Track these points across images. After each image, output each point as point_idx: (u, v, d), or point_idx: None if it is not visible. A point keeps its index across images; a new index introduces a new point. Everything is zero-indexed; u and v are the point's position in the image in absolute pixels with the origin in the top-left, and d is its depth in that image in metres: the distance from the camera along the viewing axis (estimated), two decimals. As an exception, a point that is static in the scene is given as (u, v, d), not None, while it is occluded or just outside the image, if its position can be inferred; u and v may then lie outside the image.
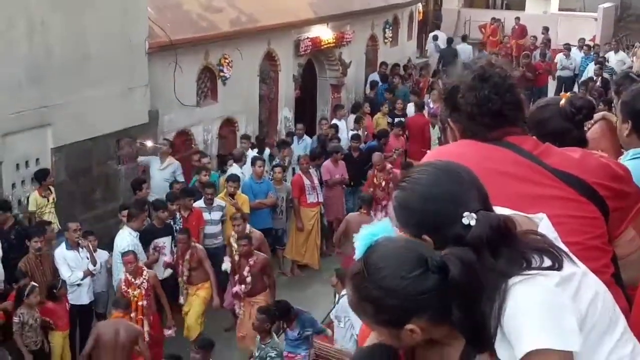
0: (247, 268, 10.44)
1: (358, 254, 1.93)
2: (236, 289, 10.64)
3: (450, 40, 24.11)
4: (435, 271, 1.82)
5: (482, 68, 2.50)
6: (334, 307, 9.87)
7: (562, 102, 3.13)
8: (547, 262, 1.91)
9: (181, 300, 10.92)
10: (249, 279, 10.45)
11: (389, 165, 13.71)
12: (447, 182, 1.99)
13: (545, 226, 2.09)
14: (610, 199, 2.51)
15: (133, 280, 9.93)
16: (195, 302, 10.80)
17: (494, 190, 2.31)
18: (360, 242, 1.93)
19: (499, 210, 2.04)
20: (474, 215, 1.90)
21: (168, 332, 10.44)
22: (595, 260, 2.39)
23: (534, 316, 1.82)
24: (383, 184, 13.43)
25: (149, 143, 13.18)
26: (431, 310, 1.84)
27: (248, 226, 11.15)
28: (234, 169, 13.48)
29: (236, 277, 10.59)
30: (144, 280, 9.95)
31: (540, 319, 1.81)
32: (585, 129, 3.44)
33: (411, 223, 2.02)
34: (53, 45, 11.89)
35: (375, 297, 1.86)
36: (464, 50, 23.44)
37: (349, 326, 9.53)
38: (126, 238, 10.59)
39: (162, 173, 13.10)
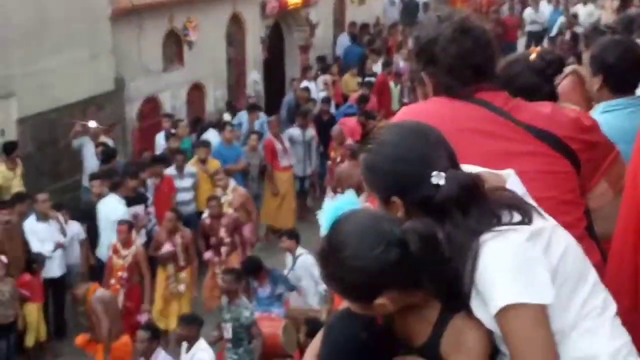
0: (222, 230, 10.40)
1: (323, 230, 1.93)
2: (209, 255, 10.58)
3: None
4: (397, 245, 1.82)
5: (463, 20, 2.44)
6: (291, 269, 9.83)
7: (532, 56, 3.07)
8: (517, 218, 1.90)
9: (180, 288, 10.28)
10: (227, 240, 10.47)
11: (349, 140, 12.95)
12: (414, 142, 1.97)
13: (513, 182, 2.07)
14: (581, 151, 2.50)
15: (121, 249, 9.84)
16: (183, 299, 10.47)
17: (466, 147, 2.28)
18: (325, 217, 1.93)
19: (467, 168, 2.03)
20: (442, 174, 1.89)
21: (142, 319, 9.83)
22: (568, 213, 2.39)
23: (506, 271, 1.82)
24: (338, 159, 12.67)
25: (92, 124, 12.29)
26: (399, 283, 1.85)
27: (233, 183, 11.07)
28: (210, 134, 13.40)
29: (212, 240, 10.57)
30: (130, 254, 9.84)
31: (512, 274, 1.82)
32: (556, 83, 3.40)
33: (380, 185, 2.01)
34: (11, 12, 11.64)
35: (341, 276, 1.87)
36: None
37: (309, 284, 9.56)
38: (119, 207, 10.50)
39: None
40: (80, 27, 12.74)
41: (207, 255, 10.66)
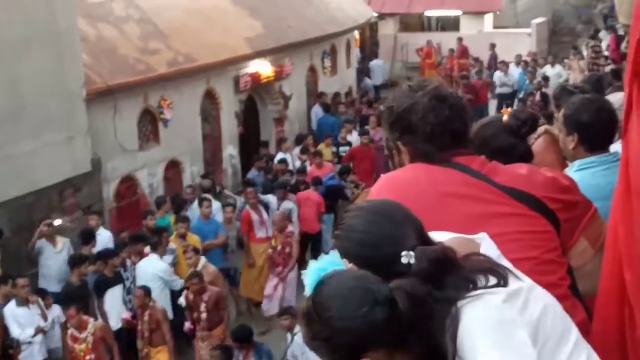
0: (202, 305, 10.35)
1: (308, 291, 1.92)
2: (188, 326, 10.57)
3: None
4: (384, 304, 1.81)
5: (437, 89, 2.52)
6: (289, 346, 9.74)
7: (505, 117, 3.13)
8: (493, 281, 1.91)
9: None
10: (204, 315, 10.36)
11: (289, 228, 12.61)
12: (380, 224, 1.99)
13: (487, 245, 2.10)
14: (560, 211, 2.54)
15: (78, 334, 9.65)
16: None
17: (447, 212, 2.31)
18: (309, 278, 1.92)
19: (440, 235, 2.05)
20: (411, 253, 1.90)
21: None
22: (551, 273, 2.42)
23: (486, 334, 1.82)
24: (279, 247, 12.44)
25: (58, 222, 11.87)
26: (385, 342, 1.83)
27: (203, 260, 11.02)
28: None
29: (194, 315, 10.49)
30: (89, 334, 9.68)
31: (492, 336, 1.82)
32: (529, 143, 3.45)
33: (356, 265, 2.01)
34: (-13, 97, 11.67)
35: (326, 336, 1.85)
36: (378, 65, 23.82)
37: None
38: (159, 261, 11.17)
39: (60, 256, 11.50)
40: (56, 109, 12.79)
41: (187, 326, 10.61)
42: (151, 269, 11.13)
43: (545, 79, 21.46)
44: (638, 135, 2.06)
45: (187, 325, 10.58)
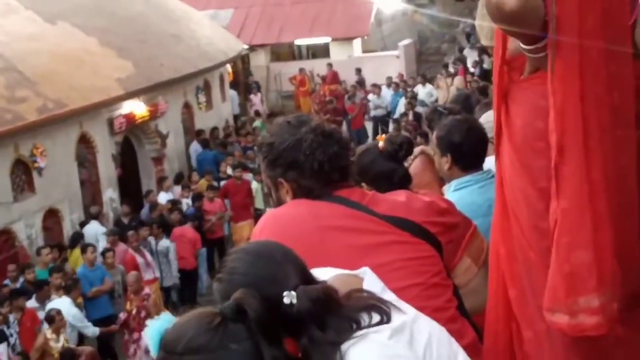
0: None
1: (154, 350, 1.84)
2: None
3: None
4: (233, 318, 1.77)
5: (321, 125, 2.53)
6: None
7: (381, 144, 3.18)
8: (376, 318, 1.90)
9: None
10: None
11: (146, 290, 12.17)
12: (261, 265, 1.96)
13: (369, 280, 2.09)
14: (441, 234, 2.59)
15: None
16: None
17: (331, 245, 2.32)
18: (152, 337, 1.85)
19: (323, 272, 2.04)
20: (293, 293, 1.87)
21: None
22: (438, 297, 2.45)
23: None
24: (134, 311, 11.78)
25: None
26: (248, 358, 1.76)
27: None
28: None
29: None
30: None
31: None
32: (406, 164, 3.52)
33: None
34: None
35: None
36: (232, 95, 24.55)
37: None
38: (72, 307, 11.12)
39: None
40: None
41: None
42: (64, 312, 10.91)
43: (416, 98, 22.00)
44: (509, 157, 2.13)
45: None
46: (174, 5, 23.34)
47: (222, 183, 17.26)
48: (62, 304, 11.24)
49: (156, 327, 1.84)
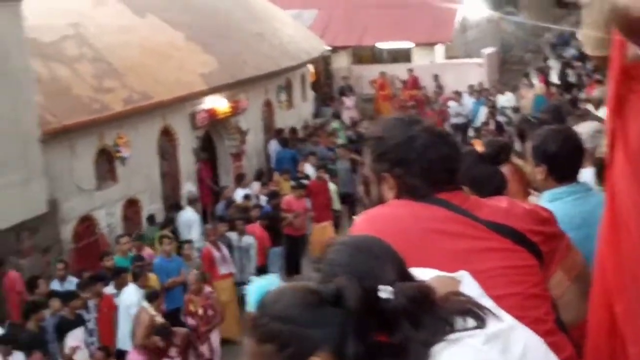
0: (173, 349, 10.38)
1: (251, 305, 1.93)
2: None
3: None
4: (330, 300, 1.82)
5: (434, 126, 2.53)
6: None
7: (479, 148, 3.14)
8: (471, 323, 1.89)
9: None
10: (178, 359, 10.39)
11: (207, 289, 12.08)
12: (361, 259, 1.98)
13: (468, 284, 2.07)
14: (542, 243, 2.54)
15: None
16: None
17: (430, 248, 2.30)
18: (253, 294, 1.93)
19: (422, 272, 2.03)
20: (389, 288, 1.88)
21: None
22: (537, 308, 2.40)
23: None
24: (200, 311, 11.74)
25: None
26: (332, 342, 1.80)
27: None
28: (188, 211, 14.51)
29: None
30: None
31: None
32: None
33: None
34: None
35: (275, 331, 1.82)
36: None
37: None
38: (134, 293, 11.14)
39: None
40: (11, 151, 12.62)
41: None
42: (134, 297, 11.17)
43: (496, 107, 21.76)
44: (622, 168, 2.08)
45: None
46: (258, 4, 23.57)
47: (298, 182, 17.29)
48: (130, 289, 11.42)
49: (260, 285, 1.93)
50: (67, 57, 15.21)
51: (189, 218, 15.21)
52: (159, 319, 10.74)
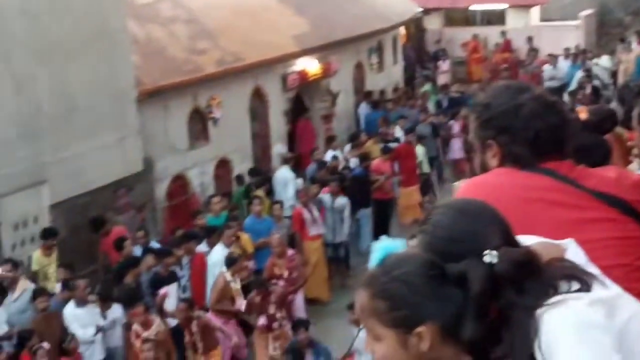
0: (272, 306, 10.45)
1: (374, 262, 1.95)
2: (262, 321, 10.56)
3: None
4: (453, 280, 1.83)
5: (544, 94, 2.46)
6: (354, 340, 9.68)
7: (583, 115, 3.07)
8: (575, 287, 1.87)
9: None
10: (278, 315, 10.51)
11: (290, 251, 12.03)
12: (466, 222, 1.97)
13: (573, 251, 2.04)
14: None
15: (141, 332, 9.78)
16: None
17: (535, 218, 2.26)
18: (377, 251, 1.97)
19: (526, 239, 2.01)
20: (494, 253, 1.87)
21: None
22: (643, 280, 2.33)
23: (569, 338, 1.76)
24: (286, 274, 11.72)
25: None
26: (444, 318, 1.82)
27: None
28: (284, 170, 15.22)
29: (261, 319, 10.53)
30: (151, 335, 9.77)
31: (575, 341, 1.76)
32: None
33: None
34: (41, 100, 11.85)
35: (394, 291, 1.85)
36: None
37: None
38: (220, 252, 11.30)
39: (16, 304, 10.43)
40: (108, 111, 12.94)
41: (260, 322, 10.60)
42: (219, 256, 11.39)
43: (592, 71, 21.15)
44: None
45: (261, 321, 10.58)
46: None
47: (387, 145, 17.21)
48: (218, 250, 11.62)
49: (387, 246, 1.98)
50: (162, 18, 15.46)
51: (284, 176, 15.50)
52: (235, 285, 10.84)
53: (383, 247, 1.97)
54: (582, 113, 3.12)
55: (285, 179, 15.35)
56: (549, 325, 1.79)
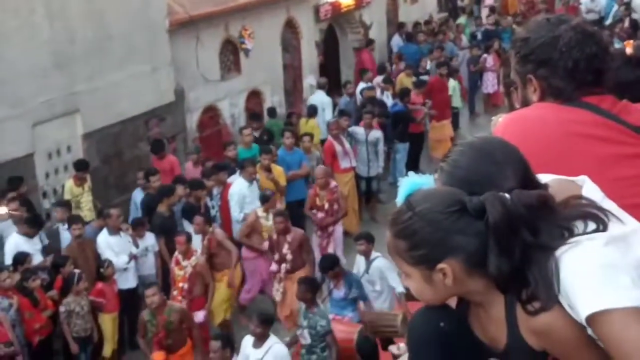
0: (286, 245, 10.29)
1: (400, 198, 1.99)
2: (274, 267, 10.46)
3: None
4: (473, 214, 1.85)
5: (582, 24, 2.41)
6: (364, 273, 9.73)
7: (629, 50, 2.99)
8: (592, 226, 1.87)
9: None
10: (289, 257, 10.30)
11: (332, 183, 11.90)
12: (482, 163, 1.99)
13: (589, 188, 2.02)
14: None
15: (181, 261, 9.93)
16: (219, 287, 10.44)
17: (575, 153, 2.24)
18: (403, 187, 1.99)
19: (543, 177, 2.02)
20: (507, 195, 1.89)
21: (199, 318, 9.93)
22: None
23: (588, 280, 1.78)
24: (327, 205, 11.71)
25: (0, 210, 10.32)
26: (467, 252, 1.86)
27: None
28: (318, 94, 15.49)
29: (275, 256, 10.43)
30: (190, 265, 9.91)
31: (594, 281, 1.78)
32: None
33: None
34: (74, 29, 11.85)
35: (414, 229, 1.89)
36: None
37: (384, 288, 9.47)
38: (239, 185, 11.33)
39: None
40: (140, 41, 12.92)
41: (273, 267, 10.56)
42: (242, 188, 11.41)
43: (630, 4, 20.67)
44: None
45: (274, 267, 10.48)
46: None
47: (420, 78, 17.05)
48: (240, 182, 11.57)
49: (413, 182, 2.00)
50: (194, -53, 15.27)
51: (321, 101, 15.61)
52: (266, 222, 10.85)
53: (409, 183, 1.99)
54: (628, 47, 3.03)
55: (322, 103, 15.53)
56: (567, 268, 1.81)
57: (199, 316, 9.99)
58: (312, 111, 15.03)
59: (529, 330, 1.86)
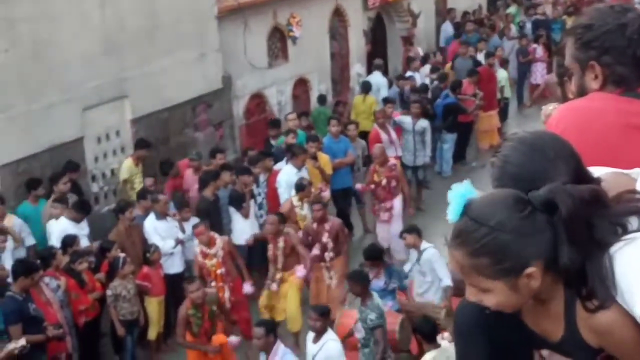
0: (325, 234, 10.24)
1: (453, 217, 1.89)
2: (316, 251, 10.28)
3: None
4: (541, 209, 1.82)
5: None
6: (415, 263, 9.64)
7: None
8: None
9: (273, 286, 10.09)
10: (330, 245, 10.23)
11: (392, 161, 12.12)
12: (534, 159, 1.96)
13: None
14: None
15: (208, 250, 9.83)
16: (291, 292, 10.16)
17: (631, 147, 2.19)
18: (454, 204, 1.89)
19: (597, 170, 1.99)
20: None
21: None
22: None
23: None
24: (384, 181, 11.93)
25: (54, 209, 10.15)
26: (546, 250, 1.82)
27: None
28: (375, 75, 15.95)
29: (315, 246, 10.30)
30: (218, 249, 9.90)
31: None
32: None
33: None
34: (124, 16, 11.97)
35: (497, 242, 1.82)
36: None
37: (434, 279, 9.41)
38: (287, 172, 11.44)
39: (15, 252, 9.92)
40: (189, 28, 12.99)
41: (315, 251, 10.40)
42: (289, 176, 11.43)
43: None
44: None
45: (316, 251, 10.31)
46: None
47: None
48: (287, 170, 11.61)
49: (461, 192, 1.90)
50: None
51: (377, 81, 15.81)
52: (301, 211, 10.84)
53: (459, 196, 1.89)
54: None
55: (377, 84, 15.74)
56: (622, 266, 1.79)
57: (247, 289, 10.03)
58: (367, 87, 15.06)
59: (590, 329, 1.84)
